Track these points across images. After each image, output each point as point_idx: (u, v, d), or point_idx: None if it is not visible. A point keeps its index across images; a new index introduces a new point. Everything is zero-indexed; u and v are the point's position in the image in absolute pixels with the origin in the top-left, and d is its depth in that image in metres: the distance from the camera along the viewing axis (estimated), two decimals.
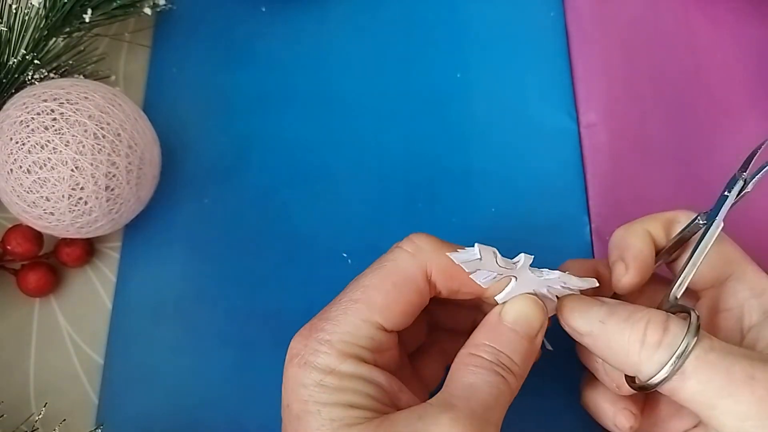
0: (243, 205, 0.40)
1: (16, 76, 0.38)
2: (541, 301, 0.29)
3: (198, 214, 0.40)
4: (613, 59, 0.43)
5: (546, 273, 0.28)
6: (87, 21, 0.39)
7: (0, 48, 0.38)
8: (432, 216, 0.40)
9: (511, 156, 0.41)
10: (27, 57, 0.38)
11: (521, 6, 0.44)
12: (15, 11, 0.38)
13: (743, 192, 0.30)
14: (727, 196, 0.30)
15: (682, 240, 0.31)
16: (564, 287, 0.29)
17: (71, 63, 0.40)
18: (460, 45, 0.44)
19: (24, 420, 0.35)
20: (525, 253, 0.28)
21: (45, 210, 0.34)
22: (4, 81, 0.38)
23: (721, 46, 0.43)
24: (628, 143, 0.41)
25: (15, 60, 0.38)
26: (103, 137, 0.34)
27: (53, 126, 0.33)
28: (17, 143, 0.33)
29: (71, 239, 0.38)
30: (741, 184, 0.30)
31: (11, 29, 0.38)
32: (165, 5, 0.43)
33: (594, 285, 0.29)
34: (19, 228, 0.37)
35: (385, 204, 0.40)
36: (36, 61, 0.38)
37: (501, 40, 0.44)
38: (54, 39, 0.40)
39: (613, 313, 0.27)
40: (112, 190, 0.34)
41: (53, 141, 0.33)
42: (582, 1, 0.44)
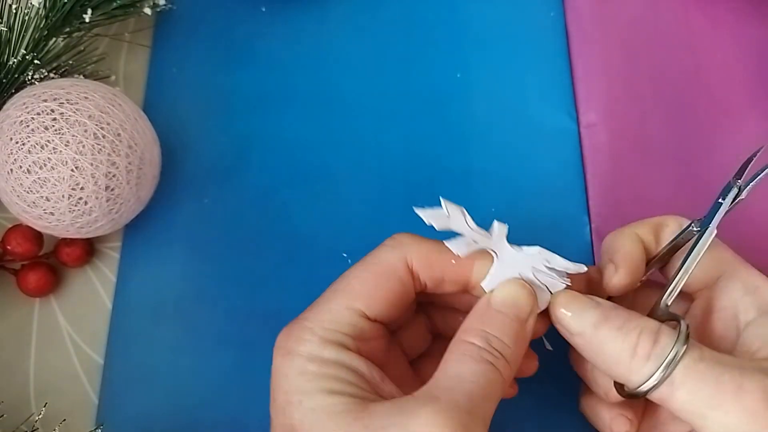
0: (243, 205, 0.40)
1: (16, 76, 0.38)
2: (530, 287, 0.29)
3: (198, 214, 0.40)
4: (613, 59, 0.43)
5: (525, 249, 0.28)
6: (87, 21, 0.39)
7: (0, 48, 0.38)
8: None
9: (511, 156, 0.41)
10: (27, 57, 0.38)
11: (521, 6, 0.44)
12: (15, 11, 0.38)
13: (738, 199, 0.30)
14: (721, 203, 0.30)
15: (675, 247, 0.31)
16: (549, 268, 0.28)
17: (71, 63, 0.40)
18: (460, 45, 0.44)
19: (24, 420, 0.35)
20: (498, 221, 0.28)
21: (45, 210, 0.34)
22: (4, 81, 0.38)
23: (721, 46, 0.43)
24: (628, 143, 0.41)
25: (15, 60, 0.38)
26: (103, 137, 0.34)
27: (53, 126, 0.33)
28: (17, 143, 0.33)
29: (71, 239, 0.38)
30: (735, 191, 0.30)
31: (11, 29, 0.38)
32: (165, 5, 0.43)
33: (581, 270, 0.29)
34: (19, 228, 0.37)
35: (385, 204, 0.40)
36: (36, 61, 0.38)
37: (501, 40, 0.44)
38: (54, 39, 0.40)
39: (607, 319, 0.27)
40: (112, 190, 0.34)
41: (53, 141, 0.33)
42: (582, 1, 0.44)
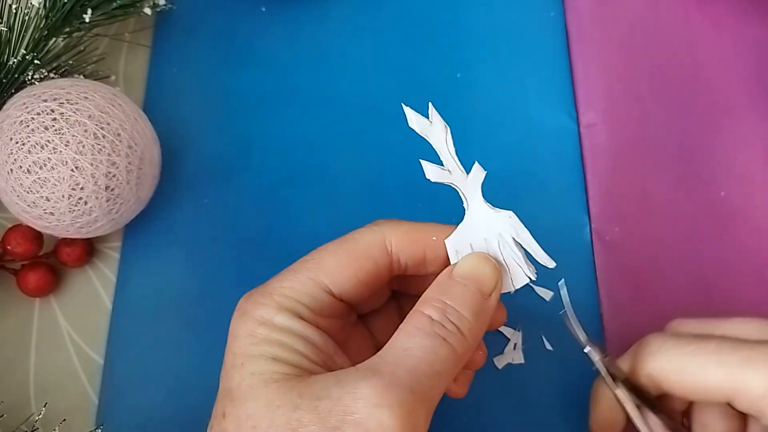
0: (243, 205, 0.40)
1: (16, 76, 0.38)
2: (495, 261, 0.28)
3: (198, 214, 0.40)
4: (613, 59, 0.43)
5: (497, 209, 0.28)
6: (87, 21, 0.39)
7: (0, 48, 0.38)
8: (432, 216, 0.39)
9: (511, 156, 0.41)
10: (27, 57, 0.38)
11: (521, 6, 0.44)
12: (15, 11, 0.38)
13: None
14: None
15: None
16: (516, 243, 0.28)
17: (71, 63, 0.40)
18: (460, 45, 0.44)
19: (24, 420, 0.35)
20: (479, 164, 0.27)
21: (45, 210, 0.34)
22: (4, 81, 0.38)
23: (721, 46, 0.43)
24: (628, 143, 0.41)
25: (15, 60, 0.38)
26: (103, 137, 0.34)
27: (53, 126, 0.33)
28: (17, 143, 0.33)
29: (71, 239, 0.38)
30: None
31: (11, 29, 0.38)
32: (165, 5, 0.43)
33: (549, 264, 0.27)
34: (19, 228, 0.37)
35: (385, 204, 0.40)
36: (36, 61, 0.38)
37: (501, 40, 0.44)
38: (54, 39, 0.40)
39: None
40: (112, 190, 0.34)
41: (53, 141, 0.33)
42: (582, 1, 0.44)
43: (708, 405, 0.30)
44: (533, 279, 0.28)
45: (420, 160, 0.27)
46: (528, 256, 0.28)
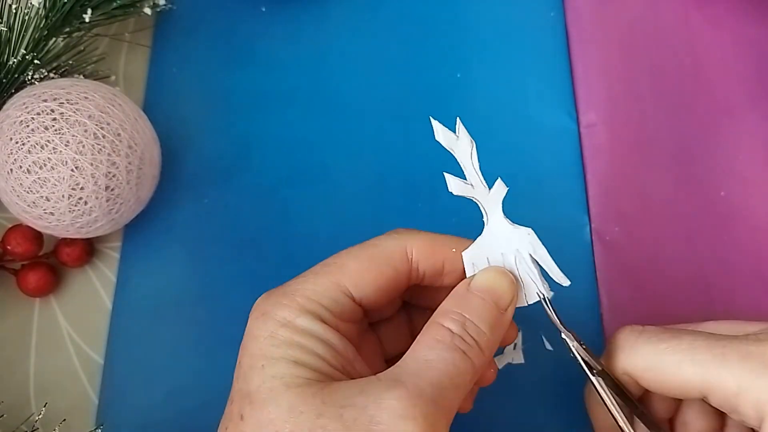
0: (243, 205, 0.40)
1: (16, 76, 0.38)
2: (512, 276, 0.28)
3: (198, 214, 0.40)
4: (613, 59, 0.43)
5: (517, 225, 0.28)
6: (87, 21, 0.39)
7: (0, 48, 0.38)
8: (432, 216, 0.40)
9: (511, 156, 0.41)
10: (27, 57, 0.38)
11: (521, 6, 0.44)
12: (15, 11, 0.38)
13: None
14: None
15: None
16: (533, 260, 0.28)
17: (71, 63, 0.40)
18: (460, 45, 0.44)
19: (24, 420, 0.35)
20: (502, 181, 0.28)
21: (45, 210, 0.34)
22: (4, 81, 0.38)
23: (721, 46, 0.43)
24: (628, 143, 0.41)
25: (15, 60, 0.38)
26: (103, 137, 0.34)
27: (53, 126, 0.33)
28: (17, 143, 0.33)
29: (71, 239, 0.38)
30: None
31: (11, 29, 0.38)
32: (165, 5, 0.43)
33: (563, 283, 0.28)
34: (19, 228, 0.37)
35: (385, 204, 0.40)
36: (36, 61, 0.38)
37: (501, 40, 0.44)
38: (54, 39, 0.40)
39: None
40: (112, 190, 0.34)
41: (53, 141, 0.33)
42: (582, 1, 0.44)
43: (688, 404, 0.31)
44: (547, 296, 0.28)
45: (444, 173, 0.28)
46: (543, 272, 0.28)
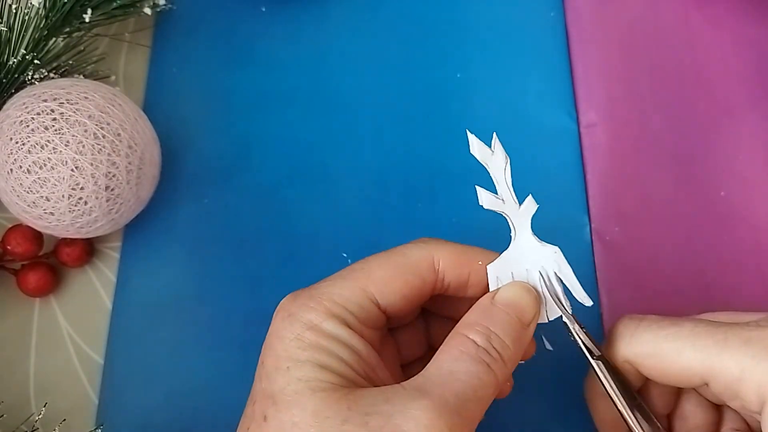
0: (243, 205, 0.40)
1: (16, 76, 0.38)
2: (536, 292, 0.28)
3: (198, 214, 0.40)
4: (613, 59, 0.43)
5: (544, 242, 0.28)
6: (87, 21, 0.39)
7: (0, 48, 0.38)
8: (432, 216, 0.40)
9: (511, 156, 0.41)
10: (27, 57, 0.38)
11: (521, 6, 0.44)
12: (15, 11, 0.38)
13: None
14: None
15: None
16: (557, 278, 0.28)
17: (71, 63, 0.40)
18: (460, 45, 0.44)
19: (24, 420, 0.35)
20: (532, 197, 0.28)
21: (45, 210, 0.34)
22: (4, 81, 0.38)
23: (721, 46, 0.43)
24: (628, 143, 0.41)
25: (15, 60, 0.38)
26: (103, 137, 0.34)
27: (53, 126, 0.33)
28: (17, 143, 0.33)
29: (71, 239, 0.38)
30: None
31: (11, 29, 0.38)
32: (165, 5, 0.43)
33: (586, 303, 0.28)
34: (19, 228, 0.37)
35: (385, 204, 0.40)
36: (36, 61, 0.38)
37: (501, 40, 0.44)
38: (54, 39, 0.40)
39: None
40: (112, 190, 0.34)
41: (53, 141, 0.33)
42: (582, 1, 0.44)
43: (686, 398, 0.31)
44: (569, 312, 0.28)
45: (476, 186, 0.28)
46: (566, 291, 0.28)
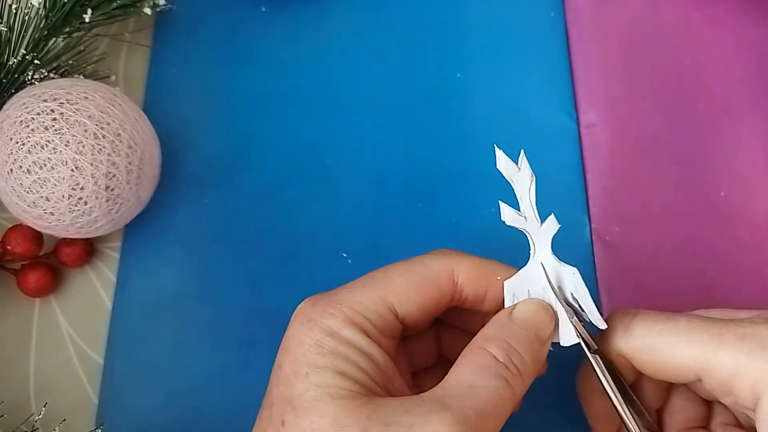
0: (243, 205, 0.40)
1: (16, 76, 0.38)
2: (552, 310, 0.28)
3: (198, 214, 0.40)
4: (613, 59, 0.43)
5: (563, 263, 0.28)
6: (87, 21, 0.39)
7: (0, 48, 0.38)
8: (432, 216, 0.40)
9: (511, 156, 0.41)
10: (27, 57, 0.38)
11: (521, 6, 0.44)
12: (15, 11, 0.38)
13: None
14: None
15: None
16: (573, 299, 0.28)
17: (71, 63, 0.40)
18: (460, 45, 0.44)
19: (24, 420, 0.35)
20: (554, 216, 0.28)
21: (45, 210, 0.34)
22: (4, 81, 0.38)
23: (721, 46, 0.43)
24: (628, 143, 0.41)
25: (15, 60, 0.38)
26: (103, 137, 0.34)
27: (53, 126, 0.33)
28: (17, 143, 0.33)
29: (71, 239, 0.38)
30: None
31: (11, 29, 0.38)
32: (165, 5, 0.43)
33: (600, 326, 0.28)
34: (19, 228, 0.37)
35: (385, 204, 0.40)
36: (36, 61, 0.38)
37: (501, 40, 0.44)
38: (54, 39, 0.40)
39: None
40: (112, 190, 0.34)
41: (53, 141, 0.33)
42: (582, 1, 0.44)
43: (676, 393, 0.31)
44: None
45: (500, 201, 0.28)
46: (579, 312, 0.29)
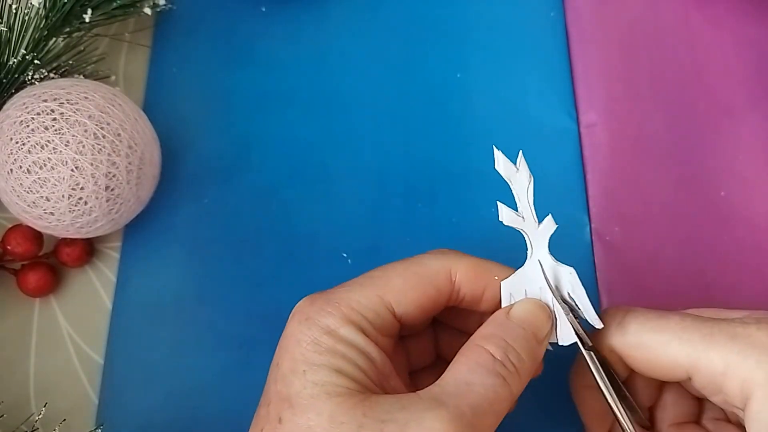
0: (243, 205, 0.40)
1: (16, 76, 0.38)
2: (549, 310, 0.28)
3: (198, 214, 0.40)
4: (613, 59, 0.43)
5: (560, 263, 0.28)
6: (87, 21, 0.39)
7: (0, 48, 0.38)
8: (431, 216, 0.40)
9: (511, 156, 0.41)
10: (27, 57, 0.38)
11: (521, 6, 0.44)
12: (15, 11, 0.38)
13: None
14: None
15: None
16: (570, 298, 0.28)
17: (71, 63, 0.40)
18: (460, 45, 0.44)
19: (24, 420, 0.35)
20: (552, 217, 0.28)
21: (45, 210, 0.34)
22: (4, 81, 0.38)
23: (721, 46, 0.43)
24: (628, 143, 0.41)
25: (15, 60, 0.38)
26: (103, 137, 0.34)
27: (53, 126, 0.33)
28: (17, 143, 0.33)
29: (71, 239, 0.38)
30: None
31: (11, 29, 0.38)
32: (165, 5, 0.43)
33: (597, 326, 0.28)
34: (19, 228, 0.37)
35: (385, 204, 0.40)
36: (36, 61, 0.38)
37: (501, 40, 0.44)
38: (54, 39, 0.40)
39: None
40: (112, 190, 0.34)
41: (53, 141, 0.33)
42: (582, 1, 0.44)
43: (668, 390, 0.31)
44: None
45: (497, 201, 0.29)
46: (576, 311, 0.29)
